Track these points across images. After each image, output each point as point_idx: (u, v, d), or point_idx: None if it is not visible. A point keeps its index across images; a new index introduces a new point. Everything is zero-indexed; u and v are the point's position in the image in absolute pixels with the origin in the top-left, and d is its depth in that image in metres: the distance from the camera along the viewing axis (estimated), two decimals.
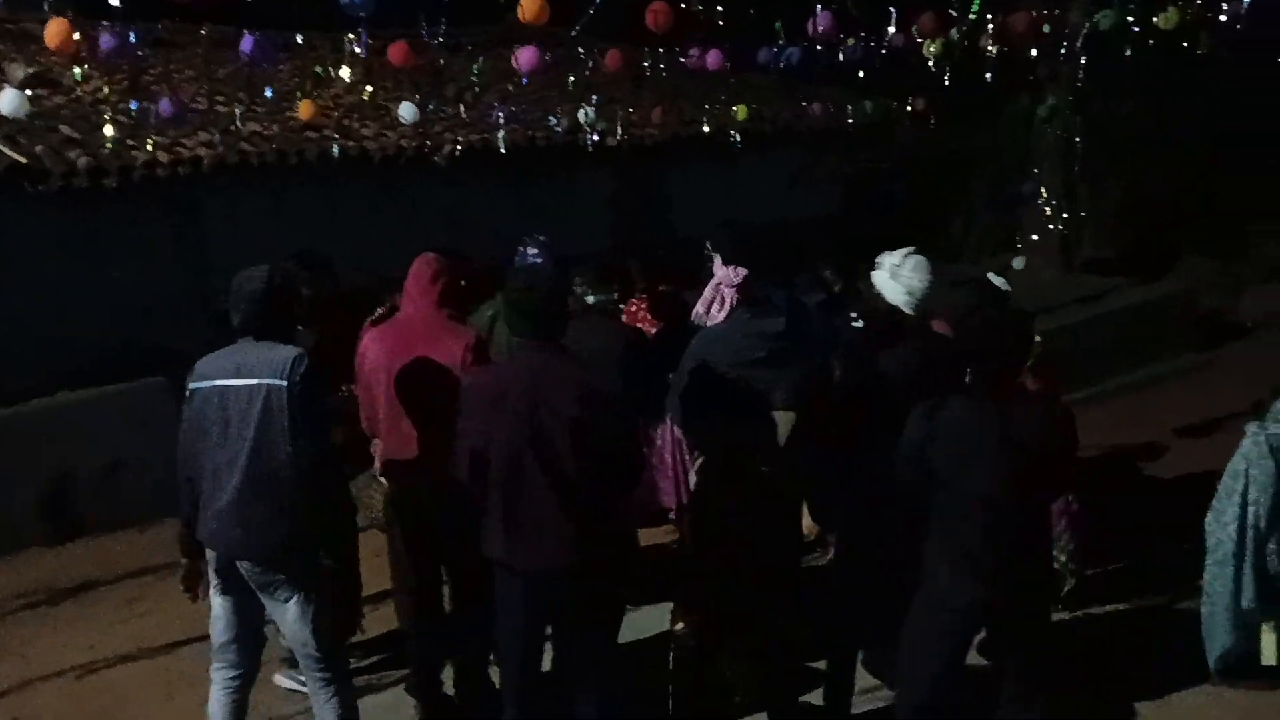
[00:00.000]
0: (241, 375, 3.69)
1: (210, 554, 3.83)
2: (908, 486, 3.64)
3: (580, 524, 3.58)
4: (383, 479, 4.56)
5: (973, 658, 3.82)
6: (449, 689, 4.61)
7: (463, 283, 4.51)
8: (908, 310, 4.36)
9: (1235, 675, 4.61)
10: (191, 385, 3.79)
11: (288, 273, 3.96)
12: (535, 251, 5.56)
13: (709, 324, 4.96)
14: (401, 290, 6.30)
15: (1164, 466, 7.57)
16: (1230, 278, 11.94)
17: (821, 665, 4.48)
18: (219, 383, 3.71)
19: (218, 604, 3.89)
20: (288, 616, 3.81)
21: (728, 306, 4.76)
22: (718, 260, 4.73)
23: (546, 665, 4.01)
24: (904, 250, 4.42)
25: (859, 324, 4.95)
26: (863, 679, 4.49)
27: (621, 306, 5.51)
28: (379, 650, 5.16)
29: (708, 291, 5.10)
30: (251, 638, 3.98)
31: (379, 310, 6.30)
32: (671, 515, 5.53)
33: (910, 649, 3.68)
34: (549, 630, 3.93)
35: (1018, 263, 11.04)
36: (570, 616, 3.79)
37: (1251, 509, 4.46)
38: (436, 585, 4.51)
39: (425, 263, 4.41)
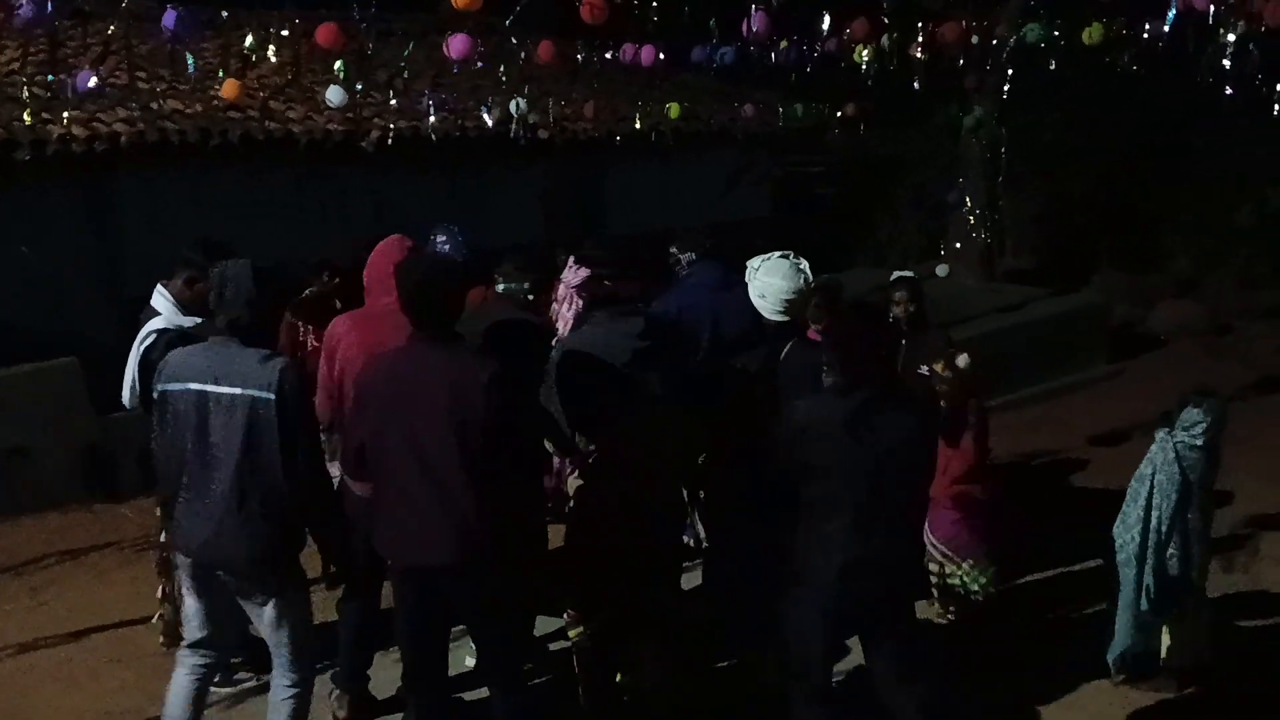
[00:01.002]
0: (223, 382, 3.49)
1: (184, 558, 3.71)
2: (777, 481, 3.75)
3: (461, 520, 3.46)
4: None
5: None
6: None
7: None
8: (764, 313, 4.46)
9: (1136, 675, 4.73)
10: (161, 387, 3.59)
11: (271, 272, 3.72)
12: (444, 239, 5.54)
13: (560, 324, 5.04)
14: (322, 273, 6.23)
15: (1074, 472, 7.77)
16: (1143, 290, 12.27)
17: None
18: (194, 387, 3.52)
19: (191, 604, 3.77)
20: (264, 620, 3.72)
21: (574, 307, 4.84)
22: (570, 261, 4.89)
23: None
24: (768, 254, 4.52)
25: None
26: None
27: (530, 298, 5.40)
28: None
29: (559, 290, 5.21)
30: (226, 635, 3.89)
31: (306, 293, 6.23)
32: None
33: (791, 641, 3.76)
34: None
35: (941, 270, 11.23)
36: (468, 616, 3.74)
37: (1155, 513, 4.56)
38: (379, 578, 4.37)
39: (398, 249, 4.15)
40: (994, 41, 9.63)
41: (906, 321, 5.54)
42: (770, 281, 4.52)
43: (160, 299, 4.49)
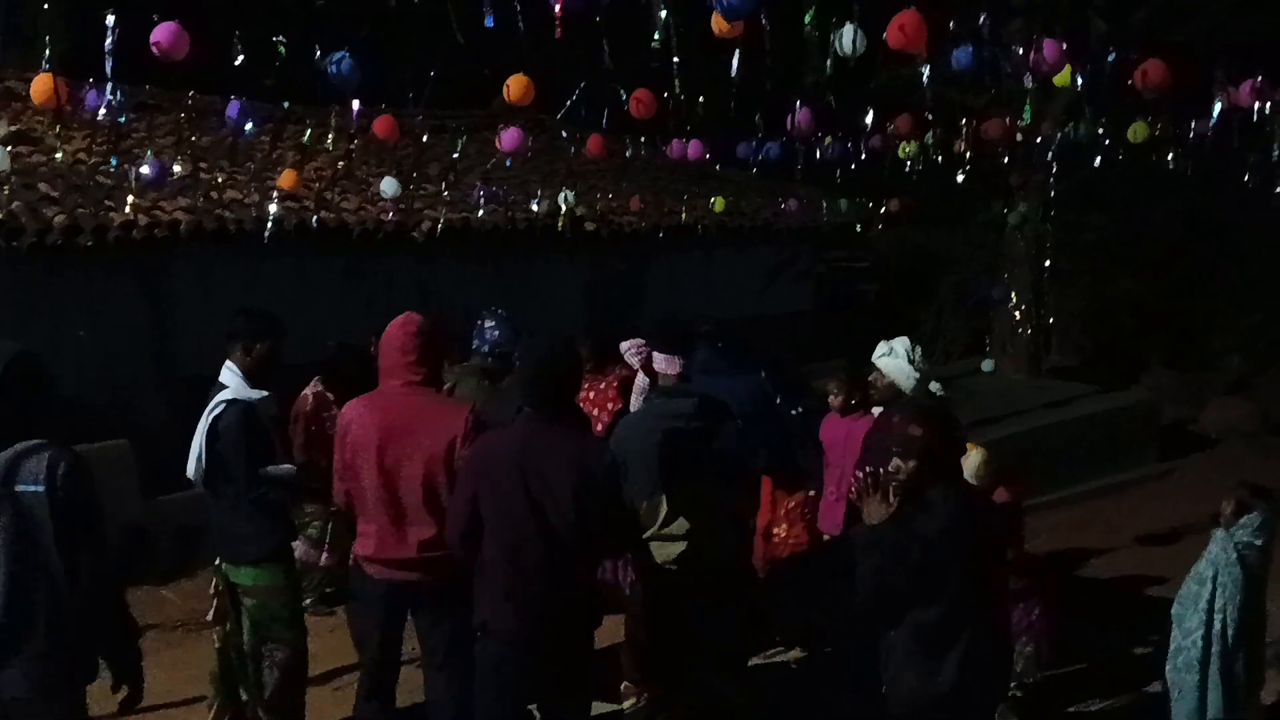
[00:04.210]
0: None
1: None
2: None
3: (571, 591, 3.59)
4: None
5: None
6: None
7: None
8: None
9: None
10: None
11: (29, 360, 3.24)
12: (492, 324, 5.61)
13: (636, 397, 5.15)
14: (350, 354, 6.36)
15: (1123, 571, 7.59)
16: (1192, 389, 12.11)
17: None
18: None
19: None
20: None
21: (643, 379, 4.96)
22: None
23: None
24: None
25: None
26: None
27: None
28: None
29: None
30: None
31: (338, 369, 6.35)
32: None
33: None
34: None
35: (986, 365, 11.19)
36: (555, 686, 3.76)
37: (1218, 616, 4.43)
38: (394, 671, 4.38)
39: (408, 331, 4.12)
40: (1038, 140, 9.70)
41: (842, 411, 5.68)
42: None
43: (228, 373, 4.50)
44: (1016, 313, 11.56)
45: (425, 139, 8.68)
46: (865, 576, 3.45)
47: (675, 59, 4.70)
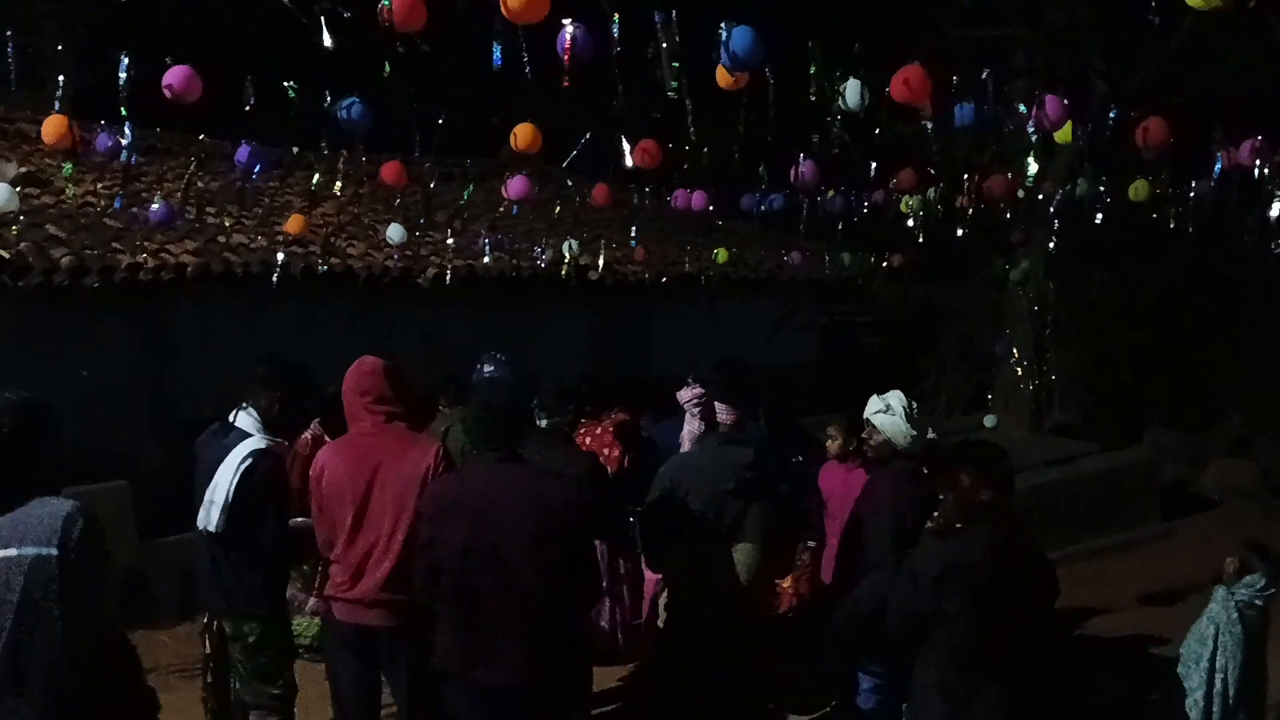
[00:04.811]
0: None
1: None
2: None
3: (537, 639, 3.50)
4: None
5: None
6: None
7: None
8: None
9: None
10: None
11: (28, 409, 3.12)
12: (491, 368, 5.64)
13: (685, 441, 5.11)
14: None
15: (1124, 629, 7.52)
16: (1194, 448, 12.08)
17: None
18: None
19: None
20: None
21: (696, 424, 4.91)
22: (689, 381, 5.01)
23: None
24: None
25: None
26: None
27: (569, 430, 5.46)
28: None
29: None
30: None
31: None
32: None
33: None
34: None
35: (989, 420, 11.17)
36: None
37: (1219, 676, 4.41)
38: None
39: (370, 374, 4.15)
40: (1040, 197, 9.76)
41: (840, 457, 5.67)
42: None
43: (248, 419, 4.40)
44: (1019, 369, 11.56)
45: (433, 186, 8.74)
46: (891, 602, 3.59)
47: (688, 105, 4.74)
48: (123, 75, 5.05)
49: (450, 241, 9.43)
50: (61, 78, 6.54)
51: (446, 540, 3.57)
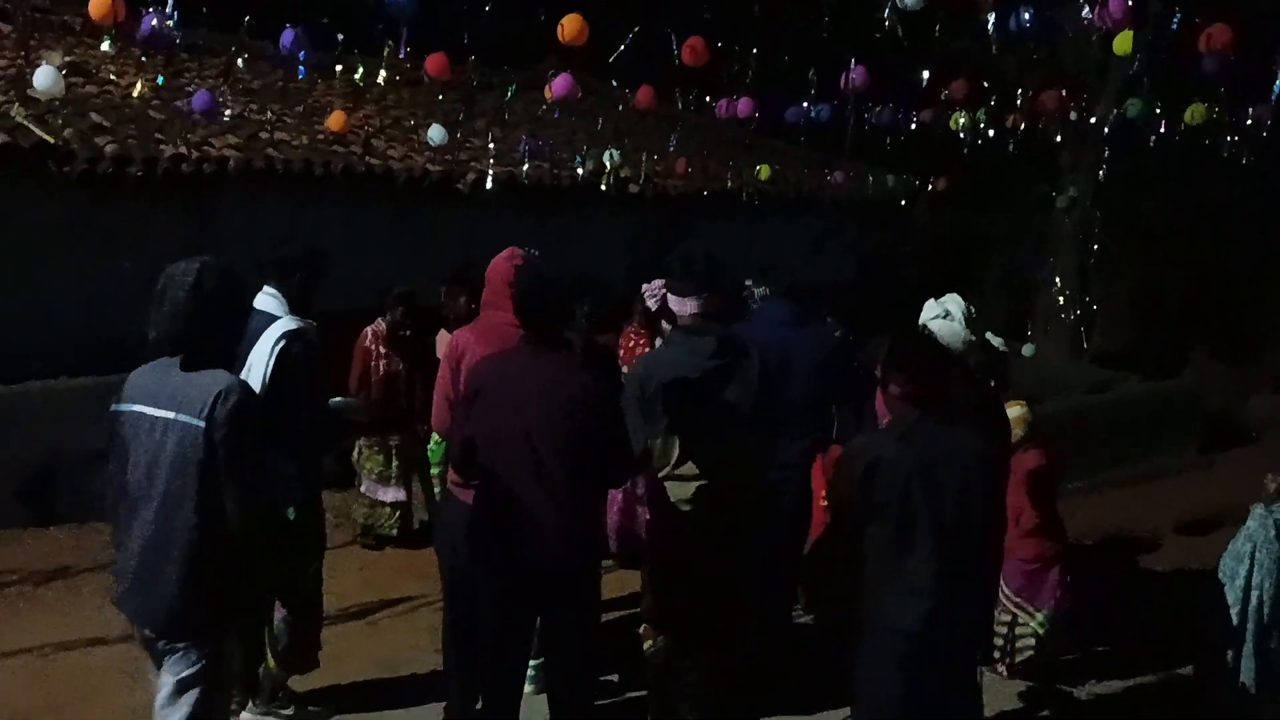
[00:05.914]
0: (159, 404, 3.04)
1: None
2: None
3: (573, 517, 3.53)
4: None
5: None
6: None
7: None
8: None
9: None
10: (114, 406, 3.18)
11: (224, 273, 3.17)
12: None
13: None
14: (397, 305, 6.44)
15: (1159, 557, 7.50)
16: (1237, 382, 11.92)
17: None
18: (136, 408, 3.09)
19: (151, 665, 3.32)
20: (165, 691, 3.20)
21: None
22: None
23: None
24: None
25: None
26: None
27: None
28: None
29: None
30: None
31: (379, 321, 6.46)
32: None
33: (864, 690, 3.74)
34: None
35: (1027, 349, 11.06)
36: (556, 616, 3.71)
37: (1255, 593, 4.39)
38: None
39: (505, 266, 4.09)
40: (1093, 120, 9.56)
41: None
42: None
43: (273, 300, 4.28)
44: (1060, 297, 11.43)
45: (474, 87, 8.64)
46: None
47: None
48: None
49: (491, 146, 9.34)
50: None
51: (479, 419, 3.58)
